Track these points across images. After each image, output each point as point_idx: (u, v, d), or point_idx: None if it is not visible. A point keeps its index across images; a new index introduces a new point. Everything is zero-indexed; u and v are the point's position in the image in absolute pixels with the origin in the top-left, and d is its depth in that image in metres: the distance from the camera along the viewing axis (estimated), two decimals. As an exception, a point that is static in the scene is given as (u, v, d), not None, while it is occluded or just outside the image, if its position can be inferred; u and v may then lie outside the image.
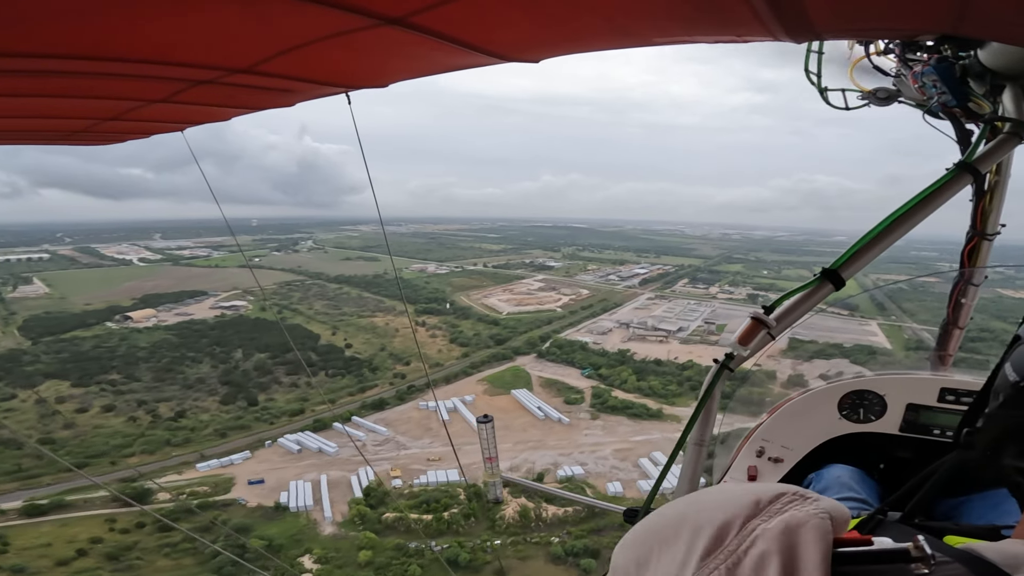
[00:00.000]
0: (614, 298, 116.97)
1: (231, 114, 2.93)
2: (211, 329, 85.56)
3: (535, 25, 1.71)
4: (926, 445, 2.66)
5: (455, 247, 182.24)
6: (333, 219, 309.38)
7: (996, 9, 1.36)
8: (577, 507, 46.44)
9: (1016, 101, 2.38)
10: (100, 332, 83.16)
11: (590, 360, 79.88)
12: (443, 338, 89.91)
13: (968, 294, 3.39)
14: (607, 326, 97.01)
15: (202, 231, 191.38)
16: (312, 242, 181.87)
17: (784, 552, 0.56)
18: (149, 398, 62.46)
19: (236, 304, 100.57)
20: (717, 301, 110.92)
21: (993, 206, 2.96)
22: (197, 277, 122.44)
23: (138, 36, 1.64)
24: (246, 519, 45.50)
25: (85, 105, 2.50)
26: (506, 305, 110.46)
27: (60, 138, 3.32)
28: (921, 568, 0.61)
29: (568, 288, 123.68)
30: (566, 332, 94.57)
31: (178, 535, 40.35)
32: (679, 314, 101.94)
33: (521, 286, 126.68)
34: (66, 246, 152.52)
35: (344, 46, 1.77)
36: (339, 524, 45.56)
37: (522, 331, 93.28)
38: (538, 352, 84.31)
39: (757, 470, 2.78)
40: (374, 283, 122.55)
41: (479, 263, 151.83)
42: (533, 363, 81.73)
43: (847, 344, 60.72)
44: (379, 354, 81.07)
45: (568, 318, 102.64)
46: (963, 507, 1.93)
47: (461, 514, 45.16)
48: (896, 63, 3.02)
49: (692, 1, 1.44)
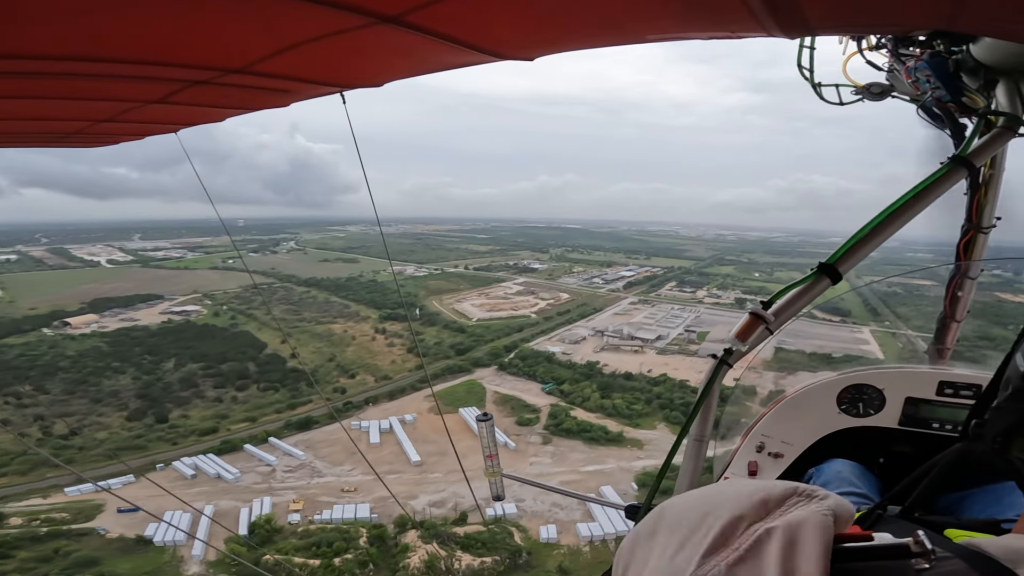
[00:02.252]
0: (595, 303, 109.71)
1: (226, 115, 2.94)
2: (150, 336, 79.96)
3: (530, 22, 1.72)
4: (925, 439, 2.69)
5: (440, 248, 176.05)
6: (323, 219, 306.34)
7: (989, 4, 1.38)
8: (496, 557, 39.60)
9: (1009, 95, 2.39)
10: (32, 339, 77.88)
11: (554, 373, 72.88)
12: (401, 347, 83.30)
13: (964, 287, 3.37)
14: (581, 334, 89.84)
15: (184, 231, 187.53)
16: (295, 243, 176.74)
17: (785, 548, 0.56)
18: (50, 413, 56.67)
19: (188, 309, 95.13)
20: (703, 306, 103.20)
21: (988, 199, 2.96)
22: (161, 280, 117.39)
23: (132, 37, 1.63)
24: (98, 551, 39.28)
25: (79, 107, 2.50)
26: (478, 311, 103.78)
27: (54, 140, 3.29)
28: (921, 563, 0.61)
29: (548, 292, 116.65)
30: (536, 341, 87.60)
31: (12, 563, 34.62)
32: (660, 320, 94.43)
33: (499, 290, 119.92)
34: (41, 247, 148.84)
35: (339, 45, 1.77)
36: (208, 564, 39.10)
37: (488, 340, 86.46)
38: (499, 364, 77.37)
39: (757, 465, 2.78)
40: (345, 286, 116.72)
41: (461, 265, 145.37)
42: (492, 376, 74.87)
43: (836, 354, 53.97)
44: (325, 365, 74.79)
45: (541, 325, 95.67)
46: (964, 501, 1.91)
47: (356, 561, 38.34)
48: (889, 58, 3.02)
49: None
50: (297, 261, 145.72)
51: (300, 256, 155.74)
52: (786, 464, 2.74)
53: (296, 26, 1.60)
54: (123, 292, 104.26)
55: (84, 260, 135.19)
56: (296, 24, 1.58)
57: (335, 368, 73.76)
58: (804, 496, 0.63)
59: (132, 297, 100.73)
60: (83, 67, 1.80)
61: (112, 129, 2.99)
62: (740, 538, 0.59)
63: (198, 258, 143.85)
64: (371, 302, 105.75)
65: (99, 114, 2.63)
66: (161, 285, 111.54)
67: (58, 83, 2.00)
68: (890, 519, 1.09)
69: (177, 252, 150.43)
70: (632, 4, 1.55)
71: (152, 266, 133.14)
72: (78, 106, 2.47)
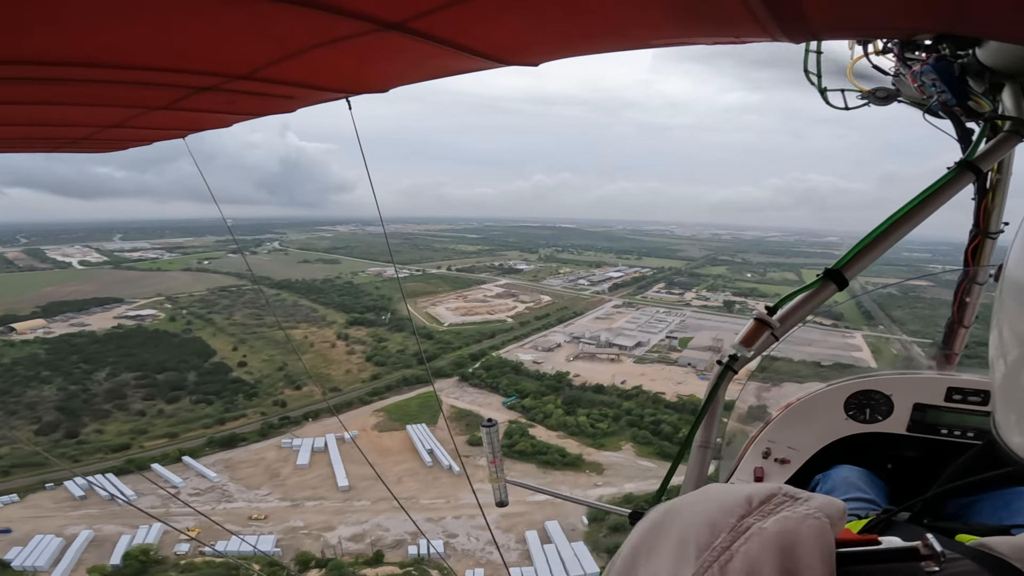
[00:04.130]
0: (576, 306, 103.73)
1: (232, 120, 2.95)
2: (92, 343, 75.13)
3: (533, 29, 1.74)
4: (934, 445, 2.67)
5: (428, 248, 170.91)
6: (313, 219, 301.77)
7: (995, 7, 1.38)
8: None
9: (1016, 99, 2.37)
10: (-27, 345, 73.46)
11: (520, 385, 67.10)
12: (361, 355, 77.96)
13: (972, 293, 3.33)
14: (557, 340, 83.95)
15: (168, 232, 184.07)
16: (278, 243, 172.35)
17: (782, 554, 0.55)
18: (-45, 431, 51.84)
19: (144, 314, 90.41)
20: (690, 309, 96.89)
21: (995, 204, 2.93)
22: (129, 282, 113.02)
23: (139, 43, 1.66)
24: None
25: (87, 112, 2.52)
26: (452, 315, 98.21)
27: (62, 146, 3.32)
28: (931, 566, 0.60)
29: (529, 295, 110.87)
30: (508, 348, 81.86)
31: None
32: (643, 325, 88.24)
33: (479, 292, 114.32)
34: (18, 247, 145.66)
35: (344, 52, 1.79)
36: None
37: (457, 347, 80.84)
38: (462, 375, 71.68)
39: (764, 471, 2.73)
40: (318, 289, 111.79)
41: (444, 266, 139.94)
42: (453, 388, 69.24)
43: (825, 363, 47.87)
44: (272, 375, 69.51)
45: (516, 330, 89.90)
46: (974, 506, 1.88)
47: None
48: (895, 62, 3.02)
49: (689, 3, 1.48)
50: (276, 262, 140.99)
51: (280, 257, 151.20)
52: (793, 470, 2.72)
53: (301, 33, 1.62)
54: (84, 295, 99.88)
55: (56, 262, 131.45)
56: (301, 31, 1.60)
57: (282, 378, 68.42)
58: (788, 497, 0.63)
59: (89, 301, 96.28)
60: (90, 73, 1.80)
61: (119, 135, 3.00)
62: (727, 537, 0.58)
63: (174, 259, 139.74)
64: (341, 305, 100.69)
65: (106, 120, 2.66)
66: (126, 288, 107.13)
67: (65, 89, 2.01)
68: (900, 525, 1.07)
69: (155, 253, 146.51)
70: (636, 10, 1.56)
71: (124, 268, 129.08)
72: (85, 112, 2.49)
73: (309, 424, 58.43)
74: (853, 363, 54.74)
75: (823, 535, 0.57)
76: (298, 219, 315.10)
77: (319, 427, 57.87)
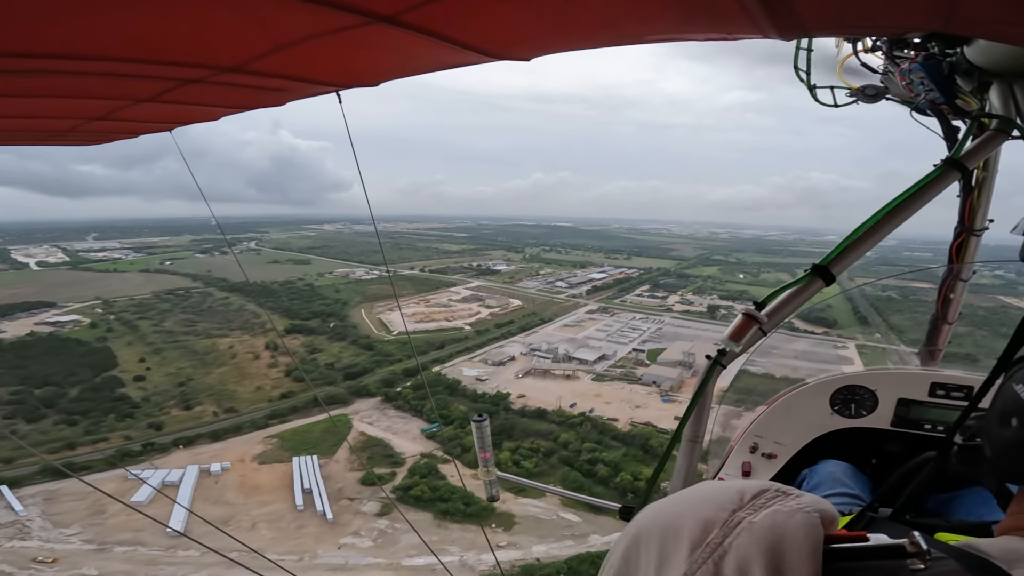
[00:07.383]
0: (547, 311, 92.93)
1: (220, 113, 2.89)
2: (-15, 353, 67.42)
3: (526, 22, 1.73)
4: (918, 440, 2.70)
5: (410, 248, 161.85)
6: (302, 217, 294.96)
7: (984, 7, 1.40)
8: None
9: (1003, 98, 2.38)
10: None
11: (449, 409, 56.64)
12: (283, 368, 68.59)
13: (956, 289, 3.38)
14: (512, 352, 73.50)
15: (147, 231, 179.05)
16: (256, 243, 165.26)
17: (771, 547, 0.55)
18: None
19: (67, 319, 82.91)
20: (670, 315, 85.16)
21: (981, 202, 2.95)
22: (74, 284, 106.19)
23: (125, 34, 1.62)
24: None
25: (70, 105, 2.48)
26: (407, 321, 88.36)
27: (46, 139, 3.27)
28: (917, 563, 0.61)
29: (497, 299, 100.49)
30: (454, 361, 71.71)
31: None
32: (613, 334, 77.05)
33: (444, 295, 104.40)
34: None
35: (335, 44, 1.77)
36: None
37: (397, 359, 70.93)
38: (386, 394, 61.69)
39: (751, 466, 2.77)
40: (272, 291, 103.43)
41: (418, 267, 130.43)
42: (373, 410, 59.41)
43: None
44: (168, 391, 60.63)
45: (471, 340, 79.71)
46: (953, 502, 1.92)
47: None
48: (883, 60, 3.03)
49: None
50: (244, 262, 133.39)
51: (251, 257, 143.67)
52: (780, 465, 2.74)
53: (291, 24, 1.59)
54: (21, 298, 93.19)
55: (15, 262, 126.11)
56: (291, 22, 1.58)
57: (176, 396, 59.44)
58: (779, 493, 0.63)
59: (20, 305, 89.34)
60: (74, 65, 1.76)
61: (104, 127, 2.97)
62: (719, 533, 0.59)
63: (137, 260, 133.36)
64: (288, 310, 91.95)
65: (91, 112, 2.61)
66: (67, 291, 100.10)
67: (48, 81, 1.96)
68: (881, 521, 1.09)
69: (120, 253, 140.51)
70: (629, 5, 1.55)
71: (81, 268, 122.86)
72: (69, 104, 2.45)
73: (178, 452, 49.13)
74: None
75: (813, 529, 0.58)
76: (289, 217, 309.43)
77: (188, 456, 48.52)
